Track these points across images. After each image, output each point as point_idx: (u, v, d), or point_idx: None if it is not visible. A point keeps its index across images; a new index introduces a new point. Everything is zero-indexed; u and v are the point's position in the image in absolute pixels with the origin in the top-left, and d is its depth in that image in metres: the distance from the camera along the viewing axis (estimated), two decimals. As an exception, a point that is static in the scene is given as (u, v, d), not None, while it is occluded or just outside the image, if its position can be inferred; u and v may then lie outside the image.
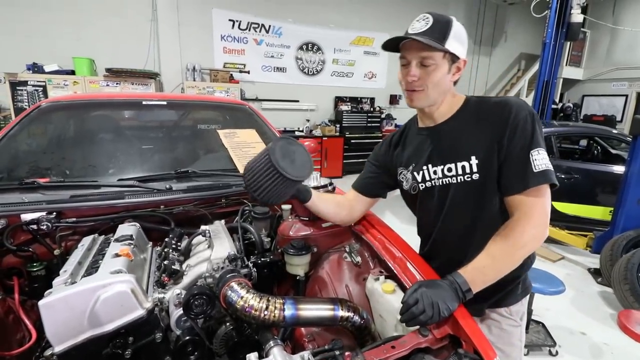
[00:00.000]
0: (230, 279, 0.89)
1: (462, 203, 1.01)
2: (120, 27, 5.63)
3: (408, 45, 0.94)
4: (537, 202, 0.91)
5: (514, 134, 0.92)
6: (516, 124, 0.92)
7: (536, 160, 0.90)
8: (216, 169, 1.66)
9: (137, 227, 1.22)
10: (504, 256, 0.91)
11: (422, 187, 1.08)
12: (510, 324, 1.12)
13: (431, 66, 0.93)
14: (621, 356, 2.28)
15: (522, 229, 0.90)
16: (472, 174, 0.97)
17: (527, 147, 0.91)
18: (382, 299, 1.02)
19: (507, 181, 0.94)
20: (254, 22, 6.59)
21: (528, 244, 0.91)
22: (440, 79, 0.95)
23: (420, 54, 0.92)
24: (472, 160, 0.97)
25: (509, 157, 0.93)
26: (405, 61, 0.96)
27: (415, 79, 0.94)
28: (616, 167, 3.93)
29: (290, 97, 7.15)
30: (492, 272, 0.91)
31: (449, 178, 1.01)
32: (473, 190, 0.98)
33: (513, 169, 0.92)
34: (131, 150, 1.79)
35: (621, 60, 8.88)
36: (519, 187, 0.92)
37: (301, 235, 1.22)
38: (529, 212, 0.91)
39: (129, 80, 5.29)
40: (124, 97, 2.39)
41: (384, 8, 7.59)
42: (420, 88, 0.96)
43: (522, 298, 1.13)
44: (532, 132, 0.92)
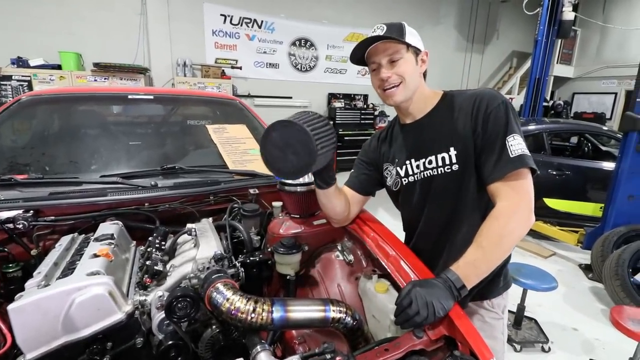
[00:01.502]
0: (215, 280, 0.85)
1: (444, 194, 1.03)
2: (108, 21, 5.50)
3: (374, 51, 0.99)
4: (519, 187, 0.91)
5: (487, 123, 0.95)
6: (489, 112, 0.95)
7: (512, 146, 0.92)
8: (204, 165, 1.61)
9: (119, 226, 1.16)
10: (493, 246, 0.90)
11: (405, 181, 1.10)
12: (493, 316, 1.13)
13: (399, 60, 0.97)
14: (612, 351, 2.30)
15: (507, 216, 0.90)
16: (451, 165, 1.00)
17: (502, 134, 0.93)
18: (375, 298, 0.98)
19: (486, 170, 0.95)
20: (246, 17, 6.50)
21: (515, 230, 0.91)
22: (411, 69, 0.99)
23: (387, 52, 0.98)
24: (451, 152, 0.99)
25: (485, 146, 0.95)
26: (375, 65, 1.01)
27: (389, 74, 0.99)
28: (606, 163, 3.97)
29: (283, 94, 7.08)
30: (484, 264, 0.90)
31: (430, 170, 1.03)
32: (454, 180, 1.01)
33: (490, 157, 0.94)
34: (116, 146, 1.72)
35: (611, 58, 8.98)
36: (497, 174, 0.93)
37: (292, 234, 1.18)
38: (512, 198, 0.91)
39: (117, 75, 5.17)
40: (109, 90, 2.31)
41: (377, 5, 7.55)
42: (397, 81, 0.99)
43: (504, 291, 1.15)
44: (507, 119, 0.94)
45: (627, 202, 3.20)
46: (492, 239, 0.89)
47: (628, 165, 3.14)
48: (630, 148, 3.11)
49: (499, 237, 0.89)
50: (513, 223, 0.90)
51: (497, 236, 0.89)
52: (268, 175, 1.58)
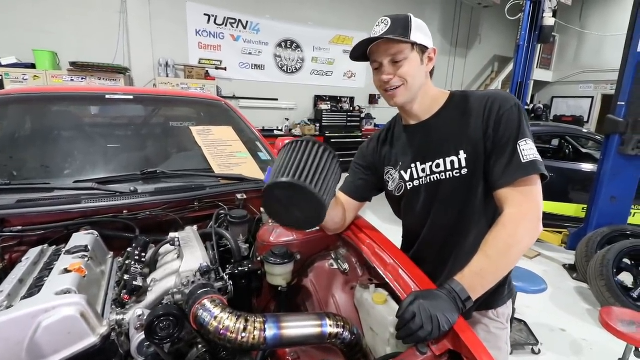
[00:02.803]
0: (202, 296, 0.77)
1: (451, 199, 0.99)
2: (86, 19, 5.29)
3: (376, 49, 0.93)
4: (528, 194, 0.87)
5: (499, 126, 0.90)
6: (501, 115, 0.91)
7: (524, 151, 0.88)
8: (188, 169, 1.52)
9: (94, 236, 1.07)
10: (500, 255, 0.84)
11: (409, 186, 1.04)
12: (498, 326, 1.09)
13: (402, 60, 0.92)
14: (600, 352, 2.32)
15: (515, 224, 0.85)
16: (461, 169, 0.95)
17: (514, 138, 0.89)
18: (373, 310, 0.93)
19: (495, 174, 0.91)
20: (231, 17, 6.38)
21: (523, 239, 0.85)
22: (415, 70, 0.94)
23: (389, 52, 0.92)
24: (460, 155, 0.95)
25: (496, 150, 0.91)
26: (377, 64, 0.96)
27: (391, 77, 0.93)
28: (586, 165, 4.06)
29: (269, 96, 6.99)
30: (491, 275, 0.85)
31: (437, 174, 0.98)
32: (462, 185, 0.96)
33: (501, 161, 0.90)
34: (92, 149, 1.61)
35: (588, 63, 9.29)
36: (507, 180, 0.88)
37: (283, 242, 1.11)
38: (521, 205, 0.86)
39: (95, 75, 4.97)
40: (85, 90, 2.18)
41: (362, 7, 7.57)
42: (399, 83, 0.94)
43: (508, 300, 1.11)
44: (519, 123, 0.90)
45: (610, 203, 3.27)
46: (500, 248, 0.84)
47: (610, 167, 3.20)
48: (612, 150, 3.18)
49: (507, 246, 0.84)
50: (522, 231, 0.85)
51: (504, 245, 0.84)
52: (256, 180, 1.51)
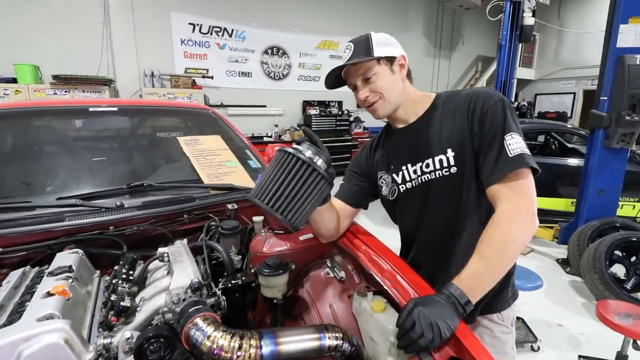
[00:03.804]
0: (193, 314, 0.74)
1: (443, 199, 0.98)
2: (68, 31, 5.20)
3: (347, 73, 1.00)
4: (519, 189, 0.86)
5: (484, 123, 0.91)
6: (486, 111, 0.91)
7: (510, 145, 0.87)
8: (176, 181, 1.48)
9: (79, 255, 1.02)
10: (497, 255, 0.82)
11: (402, 188, 1.04)
12: (503, 330, 1.06)
13: (372, 77, 0.96)
14: (597, 345, 2.33)
15: (508, 221, 0.84)
16: (450, 167, 0.95)
17: (500, 133, 0.89)
18: (372, 319, 0.90)
19: (485, 171, 0.91)
20: (216, 25, 6.36)
21: (519, 236, 0.84)
22: (387, 82, 0.97)
23: (358, 73, 0.97)
24: (448, 153, 0.95)
25: (483, 147, 0.91)
26: (353, 86, 1.01)
27: (366, 94, 0.98)
28: (572, 160, 4.14)
29: (257, 102, 6.97)
30: (488, 276, 0.83)
31: (428, 174, 0.99)
32: (453, 184, 0.96)
33: (489, 158, 0.89)
34: (75, 163, 1.56)
35: (568, 60, 9.52)
36: (497, 176, 0.88)
37: (277, 252, 1.08)
38: (513, 201, 0.85)
39: (79, 88, 4.89)
40: (67, 103, 2.13)
41: (347, 13, 7.63)
42: (376, 98, 0.98)
43: (513, 302, 1.08)
44: (504, 118, 0.90)
45: (598, 197, 3.31)
46: (495, 247, 0.82)
47: (596, 161, 3.26)
48: (597, 144, 3.24)
49: (502, 245, 0.82)
50: (516, 229, 0.83)
51: (500, 244, 0.82)
52: (247, 188, 1.48)
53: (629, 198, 3.82)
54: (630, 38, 2.86)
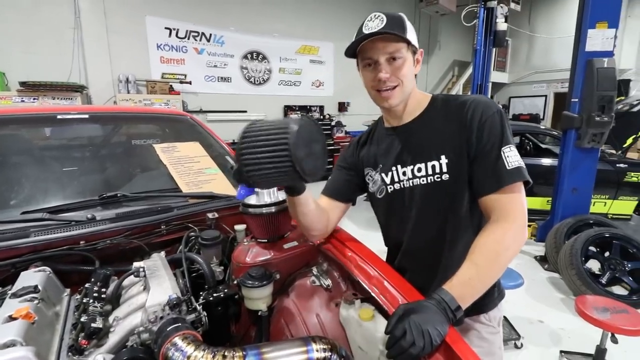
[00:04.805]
0: (172, 333, 0.69)
1: (432, 205, 0.97)
2: (36, 36, 4.99)
3: (371, 45, 0.89)
4: (514, 201, 0.86)
5: (482, 133, 0.89)
6: (484, 121, 0.89)
7: (508, 157, 0.87)
8: (153, 190, 1.42)
9: (46, 273, 0.95)
10: (489, 263, 0.82)
11: (390, 189, 1.03)
12: (490, 331, 1.06)
13: (399, 59, 0.90)
14: (577, 339, 2.40)
15: (502, 231, 0.84)
16: (442, 174, 0.94)
17: (497, 144, 0.88)
18: (361, 328, 0.88)
19: (480, 181, 0.90)
20: (193, 30, 6.26)
21: (511, 246, 0.84)
22: (410, 71, 0.92)
23: (387, 49, 0.89)
24: (442, 160, 0.93)
25: (479, 156, 0.89)
26: (371, 61, 0.92)
27: (388, 75, 0.90)
28: (547, 159, 4.29)
29: (237, 108, 6.89)
30: (479, 283, 0.83)
31: (419, 179, 0.97)
32: (443, 191, 0.94)
33: (485, 168, 0.88)
34: (42, 175, 1.46)
35: (539, 64, 9.93)
36: (493, 187, 0.87)
37: (260, 261, 1.04)
38: (507, 212, 0.85)
39: (49, 95, 4.69)
40: (33, 111, 2.02)
41: (327, 17, 7.68)
42: (395, 83, 0.91)
43: (499, 302, 1.08)
44: (502, 129, 0.89)
45: (572, 195, 3.43)
46: (488, 255, 0.82)
47: (569, 160, 3.38)
48: (569, 144, 3.36)
49: (495, 253, 0.82)
50: (509, 239, 0.83)
51: (492, 253, 0.82)
52: (228, 196, 1.44)
53: (600, 195, 3.99)
54: (597, 42, 2.99)
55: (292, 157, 0.72)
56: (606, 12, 2.99)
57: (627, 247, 2.89)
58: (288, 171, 0.73)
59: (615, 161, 4.02)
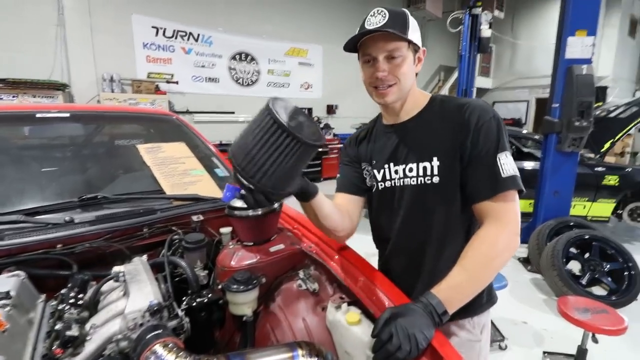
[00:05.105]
0: (152, 341, 0.67)
1: (421, 207, 0.96)
2: (17, 33, 4.83)
3: (371, 42, 0.88)
4: (508, 209, 0.85)
5: (478, 138, 0.88)
6: (480, 126, 0.88)
7: (504, 165, 0.86)
8: (135, 192, 1.38)
9: (19, 279, 0.91)
10: (479, 269, 0.82)
11: (381, 186, 1.02)
12: (471, 338, 1.00)
13: (398, 58, 0.88)
14: (560, 340, 2.44)
15: (494, 237, 0.84)
16: (432, 177, 0.93)
17: (493, 151, 0.87)
18: (348, 332, 0.87)
19: (474, 187, 0.89)
20: (181, 30, 6.18)
21: (503, 252, 0.84)
22: (409, 70, 0.91)
23: (387, 47, 0.87)
24: (433, 162, 0.92)
25: (474, 162, 0.88)
26: (370, 57, 0.91)
27: (385, 73, 0.89)
28: (529, 163, 4.39)
29: (225, 109, 6.82)
30: (469, 289, 0.82)
31: (409, 179, 0.96)
32: (433, 193, 0.93)
33: (480, 174, 0.87)
34: (18, 175, 1.41)
35: (521, 70, 10.20)
36: (487, 193, 0.86)
37: (246, 265, 1.02)
38: (500, 219, 0.85)
39: (29, 93, 4.55)
40: (10, 109, 1.94)
41: (316, 20, 7.70)
42: (392, 82, 0.91)
43: (488, 308, 1.04)
44: (498, 135, 0.88)
45: (553, 198, 3.52)
46: (478, 262, 0.82)
47: (551, 164, 3.47)
48: (550, 148, 3.45)
49: (486, 260, 0.82)
50: (500, 246, 0.83)
51: (483, 259, 0.82)
52: (214, 198, 1.41)
53: (580, 198, 4.10)
54: (577, 49, 3.09)
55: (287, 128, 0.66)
56: (585, 20, 3.09)
57: (605, 248, 2.97)
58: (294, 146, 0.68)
59: (593, 165, 4.14)
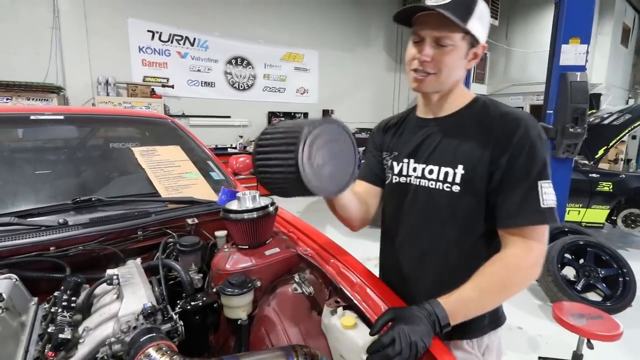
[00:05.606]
0: (145, 344, 0.66)
1: (432, 214, 0.89)
2: (11, 35, 4.81)
3: (424, 20, 0.79)
4: (538, 240, 0.79)
5: (518, 156, 0.78)
6: (522, 144, 0.78)
7: (546, 194, 0.78)
8: (130, 195, 1.38)
9: (11, 281, 0.89)
10: (493, 292, 0.79)
11: (395, 180, 0.97)
12: (468, 358, 0.92)
13: (448, 47, 0.79)
14: (555, 345, 2.45)
15: (518, 267, 0.79)
16: (452, 185, 0.85)
17: (535, 175, 0.78)
18: (343, 336, 0.86)
19: (507, 211, 0.80)
20: (177, 34, 6.18)
21: (521, 283, 0.81)
22: (455, 63, 0.81)
23: (437, 32, 0.78)
24: (457, 169, 0.84)
25: (510, 182, 0.79)
26: (418, 38, 0.82)
27: (428, 59, 0.80)
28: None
29: (220, 113, 6.81)
30: (476, 308, 0.80)
31: (427, 181, 0.89)
32: (449, 203, 0.86)
33: (514, 197, 0.78)
34: (11, 177, 1.39)
35: (516, 77, 10.32)
36: (521, 221, 0.78)
37: (241, 268, 1.02)
38: (529, 250, 0.78)
39: (23, 95, 4.52)
40: (4, 111, 1.93)
41: (311, 25, 7.74)
42: (432, 70, 0.82)
43: (490, 330, 0.93)
44: (543, 159, 0.79)
45: (548, 203, 3.53)
46: (495, 285, 0.78)
47: (545, 169, 3.49)
48: (545, 154, 3.47)
49: (503, 286, 0.79)
50: (522, 276, 0.79)
51: (500, 284, 0.78)
52: (209, 201, 1.40)
53: (574, 204, 4.13)
54: (571, 57, 3.13)
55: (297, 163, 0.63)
56: (579, 28, 3.14)
57: (600, 254, 2.99)
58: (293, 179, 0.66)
59: (588, 171, 4.18)
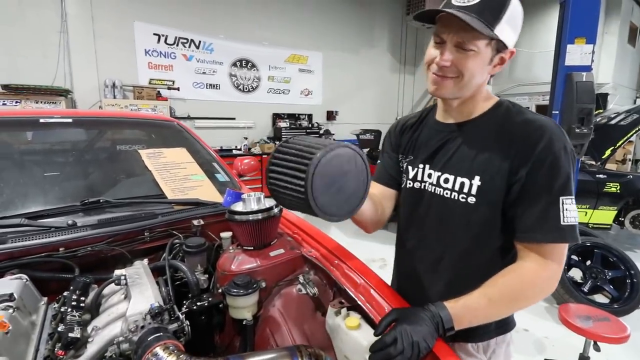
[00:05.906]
0: (153, 343, 0.67)
1: (446, 224, 0.88)
2: (20, 38, 4.89)
3: (447, 21, 0.74)
4: (556, 257, 0.77)
5: (539, 169, 0.75)
6: (545, 156, 0.74)
7: (567, 211, 0.74)
8: (137, 196, 1.39)
9: (22, 281, 0.91)
10: (502, 304, 0.77)
11: (409, 184, 0.96)
12: None
13: (470, 52, 0.74)
14: (561, 347, 2.43)
15: (532, 282, 0.77)
16: (467, 196, 0.82)
17: (558, 190, 0.74)
18: (347, 336, 0.87)
19: (524, 224, 0.77)
20: (182, 37, 6.24)
21: (533, 298, 0.79)
22: (479, 68, 0.77)
23: (460, 36, 0.74)
24: (474, 180, 0.81)
25: (529, 195, 0.76)
26: (440, 39, 0.78)
27: (448, 64, 0.76)
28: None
29: (225, 115, 6.85)
30: (483, 316, 0.79)
31: (442, 190, 0.87)
32: (464, 214, 0.84)
33: (536, 212, 0.75)
34: (22, 179, 1.42)
35: (521, 77, 10.24)
36: (540, 238, 0.76)
37: (246, 269, 1.03)
38: (546, 266, 0.77)
39: (32, 98, 4.59)
40: (14, 114, 1.97)
41: (315, 27, 7.77)
42: (452, 75, 0.78)
43: (497, 335, 0.92)
44: (567, 173, 0.75)
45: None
46: (505, 297, 0.77)
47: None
48: (551, 155, 3.45)
49: (513, 299, 0.77)
50: (535, 291, 0.78)
51: (511, 296, 0.77)
52: (214, 203, 1.42)
53: (580, 205, 4.09)
54: (576, 57, 3.11)
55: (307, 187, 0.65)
56: (584, 28, 3.12)
57: (607, 256, 2.96)
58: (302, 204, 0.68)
59: (595, 172, 4.14)
